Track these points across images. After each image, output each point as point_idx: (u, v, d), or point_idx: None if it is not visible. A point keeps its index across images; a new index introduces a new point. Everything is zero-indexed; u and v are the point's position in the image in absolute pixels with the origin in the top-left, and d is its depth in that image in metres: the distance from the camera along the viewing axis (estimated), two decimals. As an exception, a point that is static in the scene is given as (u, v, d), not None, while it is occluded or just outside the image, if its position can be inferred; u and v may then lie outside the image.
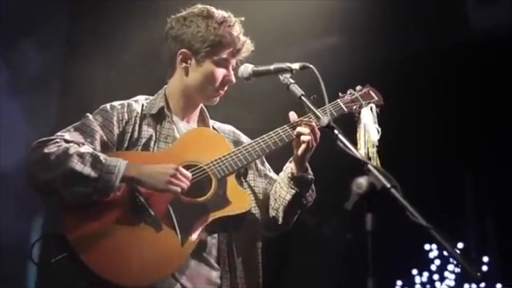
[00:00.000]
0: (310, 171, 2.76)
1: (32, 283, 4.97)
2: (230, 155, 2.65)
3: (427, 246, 6.49)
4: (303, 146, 2.66)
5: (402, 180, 1.98)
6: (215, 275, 2.61)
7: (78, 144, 2.53)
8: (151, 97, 2.81)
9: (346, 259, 6.19)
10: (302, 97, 2.46)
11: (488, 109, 5.99)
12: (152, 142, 2.66)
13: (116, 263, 2.41)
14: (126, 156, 2.52)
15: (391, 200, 1.94)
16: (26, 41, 4.92)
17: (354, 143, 2.48)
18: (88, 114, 2.67)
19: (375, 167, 2.00)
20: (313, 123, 2.66)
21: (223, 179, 2.61)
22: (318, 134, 2.67)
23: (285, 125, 2.72)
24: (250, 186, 2.81)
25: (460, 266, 1.84)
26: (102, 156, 2.48)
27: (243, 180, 2.79)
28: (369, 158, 2.57)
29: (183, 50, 2.73)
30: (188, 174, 2.54)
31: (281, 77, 2.55)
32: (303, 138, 2.66)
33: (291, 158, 2.77)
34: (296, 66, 2.54)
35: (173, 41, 2.75)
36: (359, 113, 2.79)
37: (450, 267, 6.42)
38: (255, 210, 2.77)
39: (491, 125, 6.04)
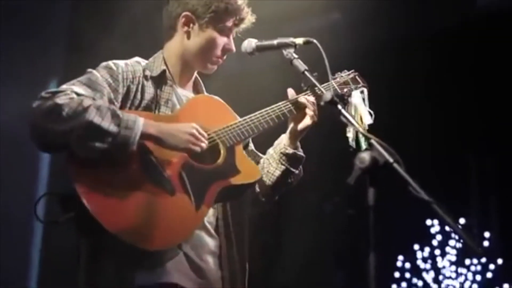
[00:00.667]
0: (300, 149, 2.76)
1: (38, 243, 5.01)
2: (238, 125, 2.62)
3: (428, 222, 6.53)
4: (307, 120, 2.67)
5: (405, 158, 1.98)
6: (213, 244, 2.59)
7: (90, 98, 2.38)
8: (147, 60, 2.71)
9: (348, 233, 6.23)
10: (305, 72, 2.46)
11: (495, 87, 5.99)
12: (153, 105, 2.58)
13: (132, 223, 2.31)
14: (138, 115, 2.40)
15: (393, 175, 1.95)
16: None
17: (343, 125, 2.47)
18: (91, 69, 2.53)
19: (378, 142, 2.00)
20: (313, 99, 2.67)
21: (231, 148, 2.58)
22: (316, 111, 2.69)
23: (286, 100, 2.70)
24: None
25: (462, 240, 1.84)
26: (119, 111, 2.35)
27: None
28: (357, 141, 2.52)
29: (186, 13, 2.66)
30: (205, 134, 2.49)
31: (284, 52, 2.55)
32: (309, 112, 2.66)
33: (283, 135, 2.77)
34: (299, 41, 2.54)
35: (176, 3, 2.69)
36: (349, 95, 2.76)
37: (452, 242, 6.47)
38: None
39: (496, 105, 6.05)
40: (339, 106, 2.26)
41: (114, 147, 2.30)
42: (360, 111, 2.62)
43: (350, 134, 2.47)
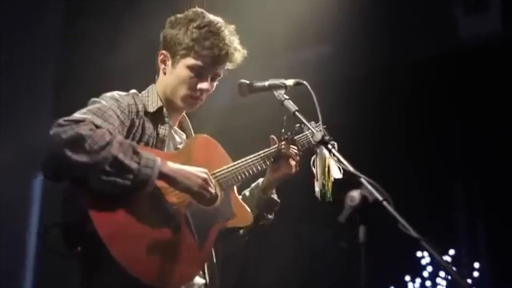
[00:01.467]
0: (275, 194, 2.87)
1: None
2: (234, 168, 2.70)
3: (419, 253, 6.55)
4: (291, 169, 2.80)
5: (393, 187, 2.04)
6: (201, 283, 2.65)
7: (108, 131, 2.34)
8: (141, 94, 2.73)
9: (339, 267, 6.25)
10: (296, 113, 2.52)
11: (477, 117, 6.07)
12: (151, 140, 2.60)
13: (144, 259, 2.34)
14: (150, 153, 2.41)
15: (383, 209, 2.01)
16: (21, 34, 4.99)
17: (312, 175, 2.52)
18: (96, 99, 2.52)
19: (367, 180, 2.06)
20: (296, 150, 2.80)
21: (227, 190, 2.66)
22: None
23: (272, 147, 2.80)
24: None
25: (450, 276, 1.90)
26: (138, 148, 2.37)
27: None
28: (324, 192, 2.54)
29: (163, 51, 2.71)
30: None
31: (275, 93, 2.61)
32: (292, 162, 2.80)
33: (261, 179, 2.87)
34: (290, 82, 2.60)
35: (161, 40, 2.74)
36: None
37: (442, 273, 6.47)
38: None
39: (480, 133, 6.12)
40: (330, 146, 2.34)
41: (133, 184, 2.30)
42: (328, 163, 2.54)
43: (316, 186, 2.52)
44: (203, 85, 2.66)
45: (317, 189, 2.50)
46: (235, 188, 2.73)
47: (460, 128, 6.24)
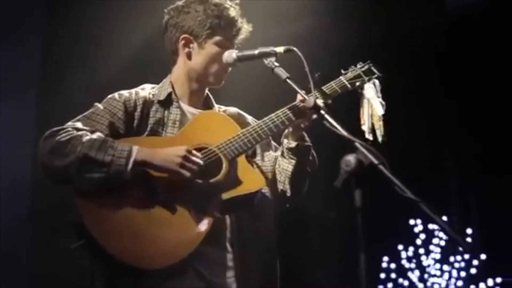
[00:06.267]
0: (306, 139, 2.79)
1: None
2: (239, 136, 2.67)
3: (411, 221, 6.57)
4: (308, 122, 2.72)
5: (386, 156, 2.03)
6: (229, 257, 2.68)
7: (88, 131, 2.56)
8: (157, 86, 2.86)
9: (332, 236, 6.26)
10: (288, 80, 2.50)
11: (467, 86, 6.09)
12: (160, 128, 2.72)
13: (136, 247, 2.44)
14: (137, 142, 2.56)
15: (376, 176, 1.99)
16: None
17: (358, 118, 2.56)
18: (96, 103, 2.71)
19: (362, 144, 2.04)
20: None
21: (233, 160, 2.65)
22: None
23: (291, 105, 2.72)
24: (258, 166, 2.85)
25: (449, 238, 1.88)
26: (114, 142, 2.52)
27: (251, 160, 2.82)
28: (374, 131, 2.63)
29: (185, 35, 2.80)
30: (199, 154, 2.57)
31: (265, 61, 2.59)
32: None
33: (286, 130, 2.79)
34: (280, 49, 2.58)
35: (174, 28, 2.82)
36: (362, 88, 2.81)
37: (435, 240, 6.50)
38: (265, 189, 2.81)
39: (471, 103, 6.15)
40: (322, 111, 2.32)
41: (109, 176, 2.45)
42: (372, 103, 2.68)
43: (365, 129, 2.54)
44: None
45: (366, 131, 2.51)
46: (243, 156, 2.69)
47: (451, 99, 6.26)
